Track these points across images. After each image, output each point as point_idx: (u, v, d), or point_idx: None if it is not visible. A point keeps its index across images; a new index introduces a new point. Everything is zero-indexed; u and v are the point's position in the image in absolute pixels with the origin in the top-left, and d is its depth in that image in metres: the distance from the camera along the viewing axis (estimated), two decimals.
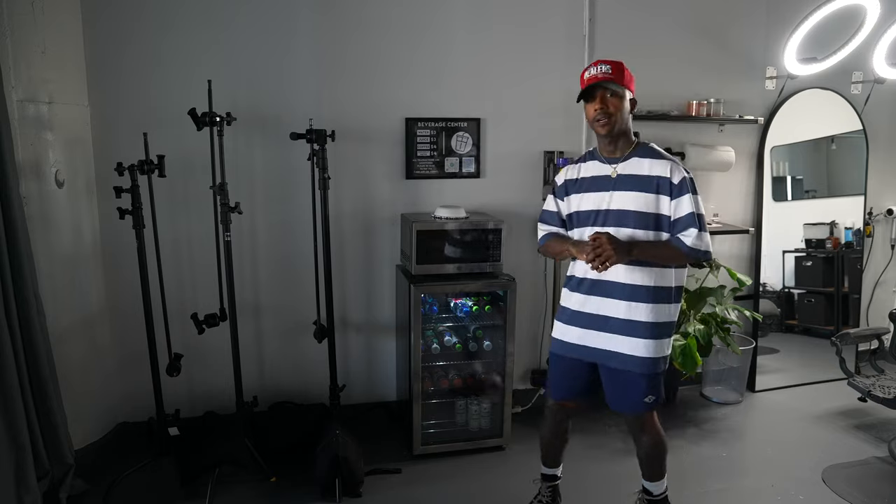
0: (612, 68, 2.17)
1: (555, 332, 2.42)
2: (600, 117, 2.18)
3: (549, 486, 2.66)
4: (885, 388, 3.21)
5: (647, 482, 2.47)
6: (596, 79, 2.17)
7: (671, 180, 2.17)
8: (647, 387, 2.25)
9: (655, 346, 2.23)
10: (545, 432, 2.58)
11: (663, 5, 3.59)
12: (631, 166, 2.23)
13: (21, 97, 2.58)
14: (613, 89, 2.18)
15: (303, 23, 3.14)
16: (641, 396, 2.27)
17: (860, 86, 4.05)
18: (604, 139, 2.25)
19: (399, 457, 3.11)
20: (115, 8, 2.93)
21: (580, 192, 2.32)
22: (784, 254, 4.19)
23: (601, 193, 2.25)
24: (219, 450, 2.85)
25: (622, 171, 2.23)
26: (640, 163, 2.22)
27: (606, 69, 2.17)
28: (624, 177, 2.23)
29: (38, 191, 2.69)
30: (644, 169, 2.21)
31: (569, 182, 2.38)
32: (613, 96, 2.18)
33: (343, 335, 3.39)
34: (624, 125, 2.22)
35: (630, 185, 2.20)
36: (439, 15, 3.30)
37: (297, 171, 3.12)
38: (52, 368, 2.57)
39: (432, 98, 3.34)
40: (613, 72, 2.17)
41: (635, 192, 2.19)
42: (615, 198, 2.22)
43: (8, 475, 2.29)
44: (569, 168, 2.41)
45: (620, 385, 2.29)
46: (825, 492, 2.86)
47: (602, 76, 2.16)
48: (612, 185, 2.24)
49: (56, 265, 2.79)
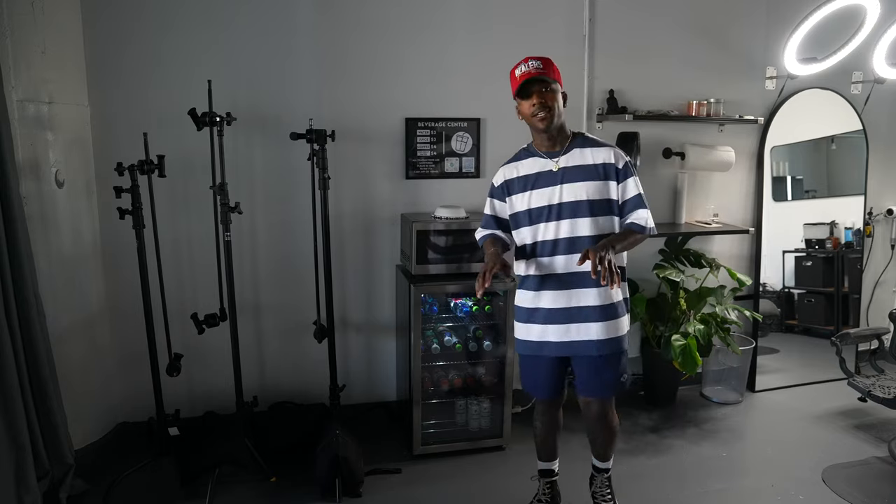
0: (543, 63, 2.21)
1: (525, 335, 2.40)
2: (539, 112, 2.19)
3: (547, 483, 2.67)
4: (885, 388, 3.21)
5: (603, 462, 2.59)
6: (530, 74, 2.19)
7: (616, 165, 2.25)
8: (622, 365, 2.37)
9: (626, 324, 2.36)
10: (540, 430, 2.61)
11: (663, 5, 3.59)
12: (573, 158, 2.27)
13: (21, 97, 2.58)
14: (549, 84, 2.20)
15: (303, 23, 3.14)
16: (618, 376, 2.37)
17: (860, 86, 4.05)
18: (542, 134, 2.26)
19: (399, 457, 3.11)
20: (115, 8, 2.93)
21: (525, 191, 2.32)
22: (784, 254, 4.19)
23: (549, 188, 2.27)
24: (219, 450, 2.85)
25: (565, 164, 2.27)
26: (581, 153, 2.27)
27: (538, 65, 2.20)
28: (568, 169, 2.26)
29: (38, 191, 2.69)
30: (588, 158, 2.26)
31: (509, 182, 2.37)
32: (548, 91, 2.20)
33: (343, 335, 3.39)
34: (561, 118, 2.26)
35: (577, 175, 2.25)
36: (439, 15, 3.30)
37: (297, 171, 3.12)
38: (52, 368, 2.57)
39: (432, 98, 3.34)
40: (545, 67, 2.20)
41: (584, 182, 2.24)
42: (565, 190, 2.25)
43: (8, 475, 2.29)
44: (505, 168, 2.40)
45: (596, 370, 2.35)
46: (825, 492, 2.86)
47: (535, 72, 2.19)
48: (559, 178, 2.27)
49: (56, 265, 2.79)
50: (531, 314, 2.37)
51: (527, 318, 2.39)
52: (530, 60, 2.20)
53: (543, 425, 2.59)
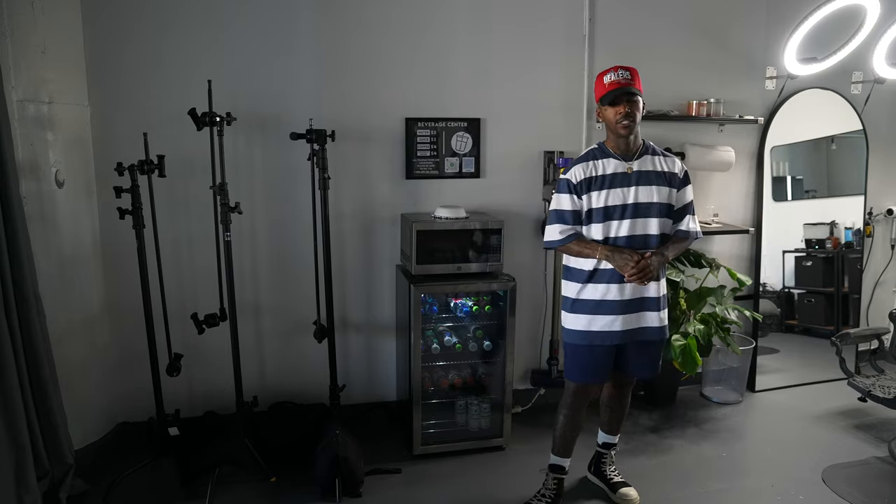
0: (631, 74, 2.40)
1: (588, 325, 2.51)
2: (625, 120, 2.38)
3: (555, 480, 2.72)
4: (885, 388, 3.21)
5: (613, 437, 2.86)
6: (620, 84, 2.38)
7: (678, 175, 2.50)
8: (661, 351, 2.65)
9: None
10: (565, 423, 2.66)
11: (663, 5, 3.59)
12: (645, 163, 2.47)
13: (21, 97, 2.58)
14: (635, 95, 2.39)
15: (303, 23, 3.14)
16: (660, 359, 2.64)
17: (860, 86, 4.05)
18: (623, 139, 2.44)
19: (399, 457, 3.11)
20: (115, 8, 2.93)
21: (602, 189, 2.46)
22: (784, 254, 4.19)
23: (623, 189, 2.44)
24: (219, 450, 2.85)
25: (638, 168, 2.46)
26: (652, 160, 2.49)
27: (627, 75, 2.39)
28: (642, 173, 2.45)
29: (38, 191, 2.68)
30: (658, 165, 2.48)
31: (590, 179, 2.47)
32: (633, 101, 2.39)
33: (343, 335, 3.39)
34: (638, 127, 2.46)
35: (650, 180, 2.45)
36: (439, 15, 3.30)
37: (297, 171, 3.12)
38: (52, 368, 2.57)
39: (432, 98, 3.34)
40: (632, 77, 2.40)
41: (656, 186, 2.45)
42: (640, 191, 2.44)
43: (8, 475, 2.29)
44: (583, 165, 2.49)
45: (652, 353, 2.60)
46: (825, 492, 2.86)
47: (625, 82, 2.38)
48: (632, 180, 2.44)
49: (56, 265, 2.79)
50: (598, 305, 2.49)
51: (592, 310, 2.50)
52: (620, 70, 2.39)
53: (568, 419, 2.65)
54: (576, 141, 3.56)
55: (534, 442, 3.27)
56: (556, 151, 3.49)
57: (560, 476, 2.72)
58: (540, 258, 3.61)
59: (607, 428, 2.84)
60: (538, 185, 3.54)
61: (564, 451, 2.70)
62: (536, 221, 3.57)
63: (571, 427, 2.67)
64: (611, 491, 2.79)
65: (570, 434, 2.68)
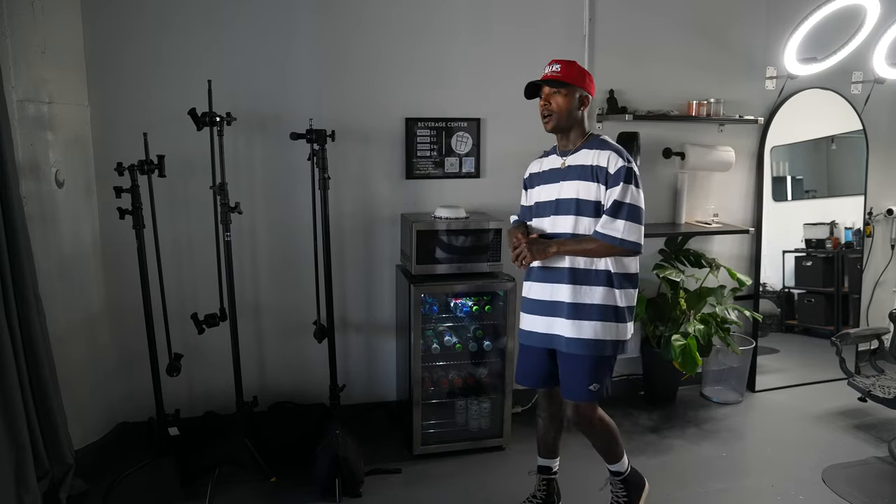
0: (562, 67, 2.31)
1: (521, 324, 2.51)
2: (543, 112, 2.36)
3: (543, 480, 2.68)
4: (885, 388, 3.21)
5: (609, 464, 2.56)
6: (544, 77, 2.33)
7: (608, 169, 2.24)
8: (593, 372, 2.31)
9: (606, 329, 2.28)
10: (540, 424, 2.65)
11: (663, 5, 3.59)
12: (578, 157, 2.33)
13: (21, 97, 2.58)
14: (556, 87, 2.30)
15: (303, 23, 3.14)
16: (587, 382, 2.32)
17: (860, 86, 4.06)
18: (557, 135, 2.40)
19: (399, 457, 3.11)
20: (115, 7, 2.93)
21: (539, 185, 2.45)
22: (784, 254, 4.19)
23: (553, 184, 2.38)
24: (219, 450, 2.85)
25: (570, 163, 2.35)
26: (586, 154, 2.32)
27: (556, 68, 2.31)
28: (571, 167, 2.34)
29: (38, 191, 2.68)
30: (588, 159, 2.30)
31: (532, 175, 2.51)
32: (557, 94, 2.31)
33: (343, 335, 3.39)
34: (570, 121, 2.33)
35: (575, 174, 2.32)
36: (439, 15, 3.30)
37: (297, 171, 3.12)
38: (52, 368, 2.57)
39: (432, 98, 3.34)
40: (562, 70, 2.30)
41: (578, 181, 2.30)
42: (564, 187, 2.34)
43: (8, 475, 2.29)
44: (535, 162, 2.54)
45: (567, 369, 2.37)
46: (825, 492, 2.86)
47: (550, 75, 2.31)
48: (562, 175, 2.36)
49: (56, 265, 2.79)
50: (525, 304, 2.48)
51: (524, 307, 2.49)
52: (553, 63, 2.32)
53: (542, 420, 2.62)
54: None
55: (534, 442, 3.25)
56: None
57: (546, 476, 2.68)
58: None
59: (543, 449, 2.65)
60: None
61: (544, 453, 2.67)
62: None
63: (542, 430, 2.64)
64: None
65: (543, 435, 2.64)
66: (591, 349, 2.28)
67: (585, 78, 2.34)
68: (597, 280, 2.28)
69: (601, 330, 2.27)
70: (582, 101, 2.33)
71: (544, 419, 2.62)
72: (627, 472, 2.56)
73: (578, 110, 2.34)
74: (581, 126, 2.36)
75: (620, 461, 2.54)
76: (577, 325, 2.28)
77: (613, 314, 2.29)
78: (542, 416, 2.62)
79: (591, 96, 2.36)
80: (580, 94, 2.32)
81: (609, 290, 2.28)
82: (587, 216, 2.28)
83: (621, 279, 2.29)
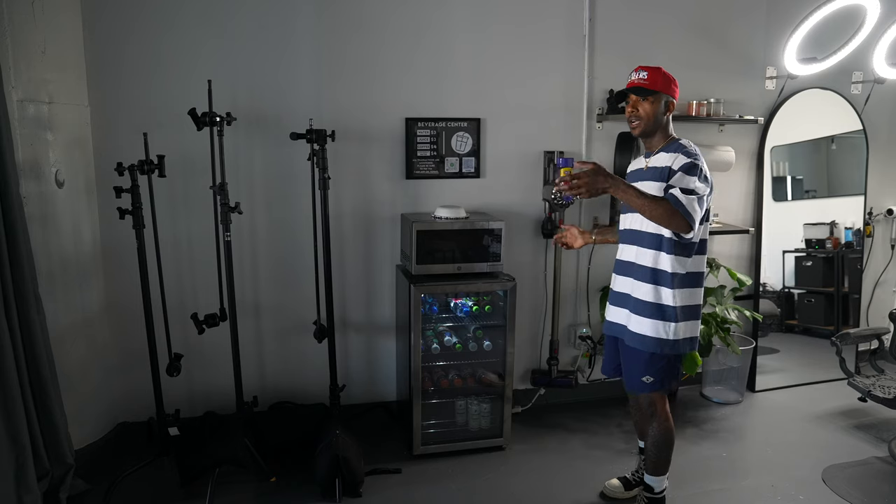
0: (649, 74, 2.38)
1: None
2: (632, 119, 2.43)
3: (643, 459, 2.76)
4: (885, 388, 3.21)
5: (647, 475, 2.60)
6: (631, 84, 2.40)
7: (671, 167, 2.33)
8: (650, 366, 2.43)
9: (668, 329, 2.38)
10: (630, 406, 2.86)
11: (663, 5, 3.59)
12: (658, 160, 2.43)
13: (21, 97, 2.58)
14: (644, 95, 2.38)
15: (303, 22, 3.14)
16: (641, 374, 2.46)
17: (860, 86, 4.06)
18: (642, 137, 2.49)
19: (399, 457, 3.11)
20: (115, 8, 2.93)
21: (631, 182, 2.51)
22: (784, 254, 4.19)
23: (638, 184, 2.42)
24: (219, 450, 2.85)
25: (651, 164, 2.45)
26: (664, 157, 2.41)
27: (643, 75, 2.38)
28: (651, 169, 2.44)
29: (38, 191, 2.68)
30: (663, 161, 2.40)
31: (627, 174, 2.61)
32: (644, 101, 2.38)
33: (343, 335, 3.39)
34: (655, 126, 2.42)
35: (651, 175, 2.41)
36: (439, 14, 3.30)
37: (297, 171, 3.12)
38: (52, 368, 2.57)
39: (432, 98, 3.34)
40: (649, 78, 2.38)
41: (652, 182, 2.38)
42: (644, 188, 2.37)
43: (8, 475, 2.29)
44: (633, 161, 2.67)
45: (627, 360, 2.53)
46: (825, 492, 2.86)
47: (637, 82, 2.39)
48: (642, 176, 2.45)
49: (56, 265, 2.79)
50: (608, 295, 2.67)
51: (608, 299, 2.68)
52: (640, 70, 2.39)
53: (631, 406, 2.84)
54: (576, 141, 3.56)
55: (534, 442, 3.28)
56: (556, 151, 3.49)
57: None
58: (540, 258, 3.61)
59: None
60: (538, 185, 3.54)
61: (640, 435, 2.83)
62: (536, 221, 3.57)
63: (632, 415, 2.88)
64: None
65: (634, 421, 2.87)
66: (648, 345, 2.41)
67: (671, 83, 2.42)
68: (656, 279, 2.39)
69: (657, 327, 2.39)
70: (668, 106, 2.42)
71: (631, 405, 2.83)
72: (661, 496, 2.59)
73: (664, 115, 2.42)
74: (665, 130, 2.45)
75: (660, 479, 2.57)
76: (638, 320, 2.43)
77: (669, 313, 2.39)
78: (631, 403, 2.82)
79: (675, 101, 2.44)
80: (666, 99, 2.41)
81: (667, 290, 2.38)
82: None
83: (681, 279, 2.39)
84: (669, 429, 2.49)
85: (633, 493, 2.79)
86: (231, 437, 2.90)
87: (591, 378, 3.78)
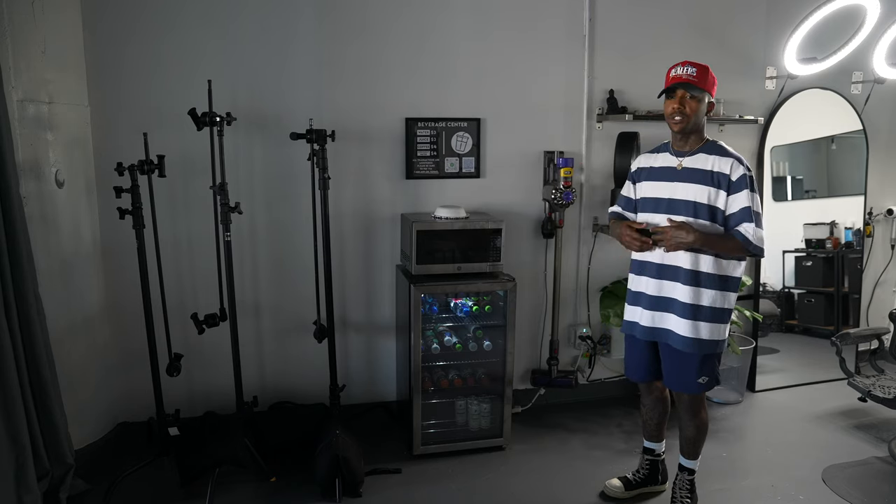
0: (697, 71, 2.35)
1: (625, 315, 2.63)
2: (676, 115, 2.37)
3: (647, 460, 2.80)
4: (885, 388, 3.21)
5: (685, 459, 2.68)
6: (679, 79, 2.35)
7: (730, 177, 2.32)
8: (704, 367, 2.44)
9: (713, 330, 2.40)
10: (643, 410, 2.80)
11: (663, 5, 3.59)
12: (696, 161, 2.39)
13: (21, 97, 2.58)
14: (693, 92, 2.35)
15: (303, 23, 3.14)
16: (696, 376, 2.45)
17: (860, 86, 4.06)
18: (676, 135, 2.44)
19: (399, 457, 3.11)
20: (115, 8, 2.93)
21: (650, 181, 2.52)
22: (784, 254, 4.19)
23: (666, 183, 2.45)
24: (219, 450, 2.85)
25: (687, 165, 2.41)
26: (705, 158, 2.38)
27: (691, 71, 2.34)
28: (688, 170, 2.40)
29: (38, 191, 2.68)
30: (708, 164, 2.36)
31: (641, 169, 2.58)
32: (692, 98, 2.36)
33: (343, 335, 3.39)
34: (696, 125, 2.40)
35: (693, 177, 2.38)
36: (440, 14, 3.30)
37: (297, 171, 3.12)
38: (52, 368, 2.57)
39: (432, 98, 3.34)
40: (697, 74, 2.35)
41: (697, 185, 2.36)
42: (679, 188, 2.40)
43: (8, 475, 2.29)
44: (646, 155, 2.60)
45: (676, 363, 2.49)
46: (825, 492, 2.86)
47: (686, 77, 2.34)
48: (677, 176, 2.42)
49: (56, 265, 2.78)
50: (630, 296, 2.60)
51: (628, 300, 2.62)
52: (687, 65, 2.35)
53: (645, 406, 2.77)
54: (576, 141, 3.56)
55: (534, 442, 3.28)
56: (556, 151, 3.49)
57: (649, 458, 2.83)
58: (540, 258, 3.61)
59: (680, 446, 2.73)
60: (538, 185, 3.54)
61: (647, 435, 2.82)
62: (536, 221, 3.57)
63: (645, 415, 2.79)
64: None
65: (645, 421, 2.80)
66: (706, 348, 2.41)
67: (714, 84, 2.41)
68: (712, 283, 2.38)
69: (714, 330, 2.41)
70: (709, 105, 2.41)
71: (647, 406, 2.75)
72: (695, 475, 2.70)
73: (706, 115, 2.41)
74: (702, 130, 2.43)
75: (697, 460, 2.67)
76: (694, 325, 2.39)
77: (722, 315, 2.42)
78: (646, 403, 2.76)
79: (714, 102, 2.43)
80: (709, 99, 2.40)
81: (721, 294, 2.39)
82: (704, 219, 2.36)
83: (730, 282, 2.41)
84: (707, 418, 2.62)
85: (633, 493, 2.78)
86: (231, 437, 2.90)
87: (591, 378, 3.78)
